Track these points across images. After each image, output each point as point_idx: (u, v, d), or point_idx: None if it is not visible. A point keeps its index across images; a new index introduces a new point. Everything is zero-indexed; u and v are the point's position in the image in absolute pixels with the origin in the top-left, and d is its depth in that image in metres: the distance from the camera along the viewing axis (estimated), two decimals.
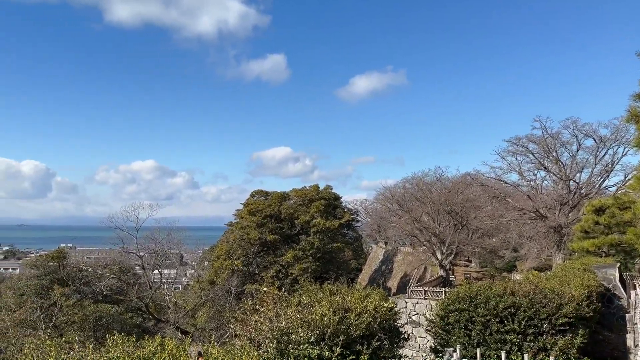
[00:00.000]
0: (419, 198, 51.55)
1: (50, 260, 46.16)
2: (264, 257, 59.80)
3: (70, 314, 37.66)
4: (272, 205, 60.38)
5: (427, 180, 58.54)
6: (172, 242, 49.35)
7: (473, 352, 13.20)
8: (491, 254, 52.39)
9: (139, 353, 6.05)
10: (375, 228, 74.89)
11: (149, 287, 44.34)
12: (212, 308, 47.25)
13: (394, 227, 57.73)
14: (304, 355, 9.08)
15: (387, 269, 64.93)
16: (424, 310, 34.13)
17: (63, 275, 44.17)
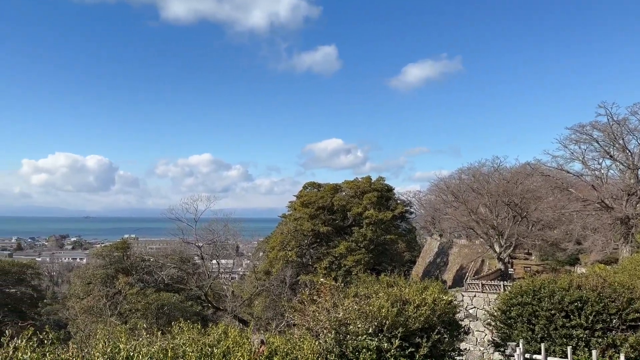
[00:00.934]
0: (475, 189, 50.25)
1: (114, 250, 48.31)
2: (317, 248, 60.15)
3: (134, 301, 39.34)
4: (325, 197, 60.56)
5: (484, 170, 56.93)
6: (229, 233, 50.51)
7: (537, 347, 12.75)
8: (552, 246, 50.37)
9: (204, 340, 6.22)
10: (430, 220, 73.74)
11: (207, 277, 45.65)
12: (267, 298, 48.10)
13: (449, 219, 56.56)
14: (363, 346, 9.05)
15: (442, 261, 63.85)
16: (482, 303, 33.36)
17: (127, 264, 46.14)
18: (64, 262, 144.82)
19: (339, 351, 9.06)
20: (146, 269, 47.06)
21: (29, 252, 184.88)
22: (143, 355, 5.48)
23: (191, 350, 5.75)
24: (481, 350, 31.91)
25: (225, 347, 6.03)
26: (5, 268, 38.56)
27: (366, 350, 9.00)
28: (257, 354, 5.99)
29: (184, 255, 52.32)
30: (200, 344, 6.06)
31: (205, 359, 5.75)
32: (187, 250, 52.57)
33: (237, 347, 6.06)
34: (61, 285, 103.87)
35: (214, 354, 5.87)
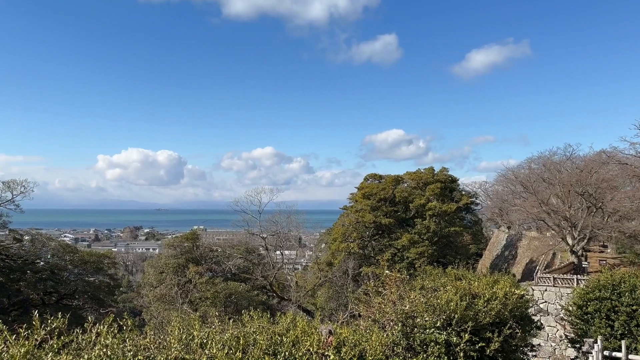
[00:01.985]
0: (546, 179, 47.96)
1: (184, 241, 50.18)
2: (379, 240, 59.77)
3: (203, 290, 40.77)
4: (386, 188, 60.00)
5: (556, 159, 54.23)
6: (292, 225, 51.31)
7: (616, 344, 12.03)
8: (631, 238, 47.21)
9: (273, 328, 6.33)
10: (497, 211, 71.24)
11: (272, 267, 46.58)
12: (330, 289, 48.44)
13: (517, 210, 54.37)
14: (430, 340, 8.88)
15: (510, 254, 61.63)
16: (554, 298, 31.97)
17: (196, 254, 47.86)
18: (138, 252, 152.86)
19: (406, 344, 8.95)
20: (214, 259, 48.61)
21: (105, 243, 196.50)
22: (216, 342, 5.64)
23: (262, 339, 5.86)
24: (553, 346, 30.61)
25: (294, 336, 6.10)
26: (85, 258, 41.08)
27: (434, 343, 8.83)
28: (325, 344, 6.02)
29: (250, 246, 53.63)
30: (270, 332, 6.17)
31: (276, 347, 5.84)
32: (252, 241, 53.91)
33: (305, 337, 6.11)
34: (135, 274, 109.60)
35: (283, 343, 5.96)
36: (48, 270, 37.26)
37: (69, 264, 39.36)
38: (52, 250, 39.71)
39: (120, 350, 5.17)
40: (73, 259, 39.71)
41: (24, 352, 4.84)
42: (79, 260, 39.94)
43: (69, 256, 39.81)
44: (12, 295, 34.46)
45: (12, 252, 36.08)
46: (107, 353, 5.07)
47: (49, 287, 37.38)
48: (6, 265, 35.57)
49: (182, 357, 5.33)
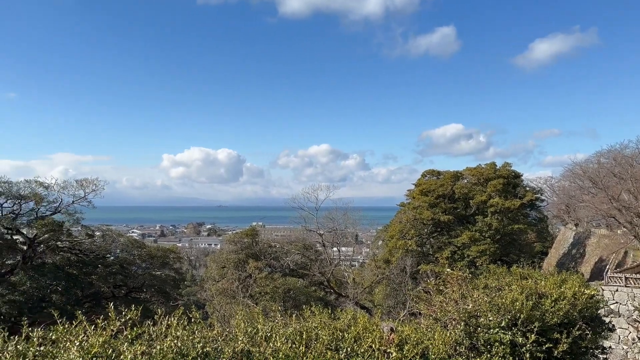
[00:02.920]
0: (617, 174, 45.36)
1: (244, 237, 51.39)
2: (438, 237, 58.68)
3: (263, 285, 41.65)
4: (445, 184, 58.77)
5: (627, 153, 51.12)
6: (348, 222, 51.40)
7: None
8: None
9: (335, 324, 6.40)
10: (563, 208, 68.08)
11: (329, 263, 46.87)
12: (388, 286, 48.17)
13: (585, 206, 51.77)
14: (495, 340, 8.66)
15: (577, 252, 58.79)
16: (625, 299, 30.27)
17: (256, 250, 48.92)
18: (201, 247, 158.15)
19: (469, 343, 8.77)
20: (273, 255, 49.47)
21: (170, 239, 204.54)
22: (280, 336, 5.77)
23: (324, 334, 5.94)
24: (624, 349, 28.98)
25: (356, 332, 6.14)
26: (152, 253, 42.97)
27: (499, 343, 8.60)
28: (387, 341, 6.02)
29: (307, 242, 54.16)
30: (331, 328, 6.23)
31: (337, 342, 5.90)
32: (309, 238, 54.45)
33: (367, 333, 6.14)
34: (199, 269, 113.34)
35: (344, 339, 6.00)
36: (118, 265, 39.25)
37: (137, 259, 41.30)
38: (121, 246, 41.78)
39: (190, 341, 5.40)
40: (141, 253, 41.64)
41: (102, 342, 5.14)
42: (146, 255, 41.83)
43: (137, 251, 41.77)
44: (85, 288, 36.56)
45: (85, 247, 38.26)
46: (178, 344, 5.30)
47: (118, 281, 39.38)
48: (80, 259, 37.80)
49: (248, 349, 5.50)
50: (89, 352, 5.06)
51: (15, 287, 32.96)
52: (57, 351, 5.22)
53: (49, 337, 5.55)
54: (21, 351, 5.07)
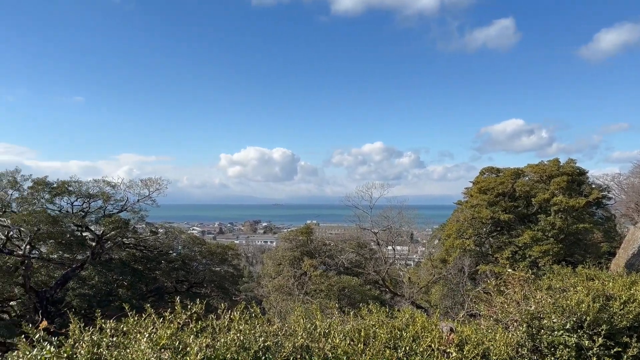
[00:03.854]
0: None
1: (299, 235, 51.92)
2: (497, 237, 56.92)
3: (317, 282, 41.97)
4: (505, 182, 56.93)
5: None
6: (403, 220, 50.88)
7: None
8: None
9: (393, 323, 6.40)
10: (632, 206, 64.30)
11: (384, 262, 46.60)
12: (445, 286, 47.28)
13: None
14: (559, 342, 8.35)
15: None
16: None
17: (310, 248, 49.34)
18: (257, 244, 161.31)
19: (531, 345, 8.51)
20: (327, 253, 49.74)
21: (228, 236, 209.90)
22: (338, 333, 5.85)
23: (381, 332, 5.96)
24: None
25: (414, 331, 6.11)
26: (211, 249, 44.27)
27: (563, 346, 8.29)
28: (446, 341, 5.96)
29: (361, 240, 54.05)
30: (389, 327, 6.24)
31: (395, 341, 5.90)
32: (363, 236, 54.28)
33: (425, 333, 6.10)
34: (255, 265, 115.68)
35: (403, 337, 5.99)
36: (180, 261, 40.73)
37: (198, 255, 42.68)
38: (183, 242, 43.31)
39: (251, 335, 5.57)
40: (201, 250, 43.03)
41: (169, 334, 5.40)
42: (206, 251, 43.18)
43: (197, 247, 43.19)
44: (149, 283, 38.16)
45: (149, 243, 39.95)
46: (240, 338, 5.48)
47: (180, 276, 40.86)
48: (144, 255, 39.52)
49: (307, 345, 5.61)
50: (158, 343, 5.33)
51: (85, 281, 34.93)
52: (128, 342, 5.53)
53: (120, 329, 5.88)
54: (95, 341, 5.39)
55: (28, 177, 34.15)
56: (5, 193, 32.91)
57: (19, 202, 32.79)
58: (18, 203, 32.83)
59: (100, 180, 37.04)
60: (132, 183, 38.08)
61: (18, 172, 33.88)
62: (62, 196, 35.01)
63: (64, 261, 35.67)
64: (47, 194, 34.13)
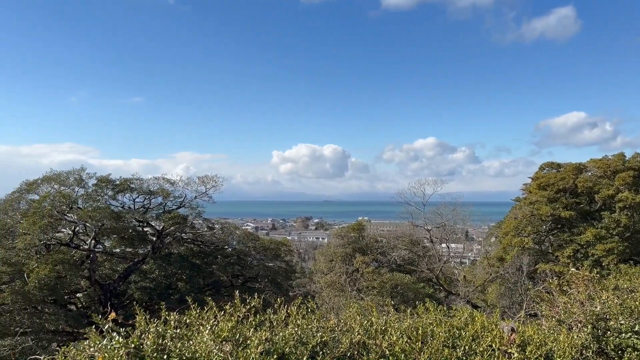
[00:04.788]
0: None
1: (351, 231, 51.94)
2: (558, 235, 54.68)
3: (370, 279, 41.84)
4: (566, 178, 54.58)
5: None
6: (458, 218, 49.82)
7: None
8: None
9: (451, 322, 6.31)
10: None
11: (438, 260, 45.85)
12: (502, 285, 45.98)
13: None
14: (627, 345, 7.96)
15: None
16: None
17: (362, 245, 49.25)
18: (309, 240, 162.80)
19: (597, 347, 8.15)
20: (379, 250, 49.46)
21: (281, 232, 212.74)
22: (395, 330, 5.83)
23: (439, 330, 5.89)
24: None
25: (473, 331, 6.00)
26: (265, 245, 45.09)
27: (632, 349, 7.89)
28: (508, 342, 5.81)
29: (414, 238, 53.39)
30: (447, 325, 6.16)
31: (454, 340, 5.81)
32: (416, 233, 53.56)
33: (485, 332, 5.97)
34: (307, 261, 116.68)
35: (462, 337, 5.90)
36: (235, 256, 41.71)
37: (252, 250, 43.56)
38: (238, 238, 44.31)
39: (309, 330, 5.66)
40: (255, 245, 43.88)
41: (230, 327, 5.56)
42: (260, 247, 44.00)
43: (251, 243, 44.08)
44: (207, 277, 39.30)
45: (206, 239, 41.13)
46: (298, 332, 5.58)
47: (236, 271, 41.85)
48: (202, 250, 40.74)
49: (364, 341, 5.63)
50: (219, 335, 5.50)
51: (146, 274, 36.41)
52: (191, 334, 5.74)
53: (183, 321, 6.12)
54: (160, 333, 5.63)
55: (92, 175, 35.94)
56: (72, 190, 34.73)
57: (85, 199, 34.54)
58: (84, 200, 34.58)
59: (160, 177, 38.53)
60: (189, 180, 39.34)
61: (83, 171, 35.73)
62: (124, 193, 36.64)
63: (127, 255, 37.36)
64: (111, 191, 35.80)
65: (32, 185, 35.23)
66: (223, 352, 5.24)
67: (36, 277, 27.16)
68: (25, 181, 35.84)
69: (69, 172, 35.31)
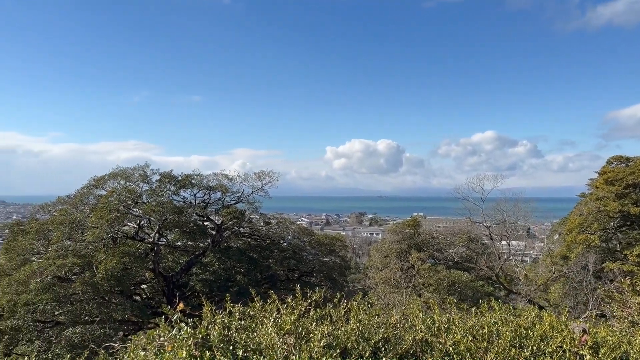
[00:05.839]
0: None
1: (406, 227, 51.34)
2: (627, 232, 51.80)
3: (426, 276, 41.25)
4: (636, 172, 51.52)
5: None
6: (519, 214, 48.12)
7: None
8: None
9: (517, 321, 6.12)
10: None
11: (497, 258, 44.55)
12: (566, 284, 44.13)
13: None
14: None
15: None
16: None
17: (418, 241, 48.58)
18: (363, 236, 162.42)
19: None
20: (436, 246, 48.64)
21: (335, 227, 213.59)
22: (459, 329, 5.72)
23: (506, 330, 5.72)
24: None
25: (541, 331, 5.79)
26: (320, 240, 45.38)
27: None
28: (579, 343, 5.57)
29: (472, 234, 52.09)
30: (514, 325, 5.98)
31: (521, 340, 5.64)
32: (474, 230, 52.21)
33: (554, 333, 5.75)
34: (361, 257, 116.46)
35: (529, 337, 5.71)
36: (290, 250, 42.26)
37: (307, 245, 43.98)
38: (293, 233, 44.86)
39: (371, 326, 5.65)
40: (310, 240, 44.28)
41: (293, 320, 5.65)
42: (315, 242, 44.35)
43: (306, 238, 44.51)
44: (263, 270, 40.04)
45: (263, 233, 41.91)
46: (360, 328, 5.59)
47: (291, 265, 42.41)
48: (258, 244, 41.56)
49: (427, 339, 5.56)
50: (282, 328, 5.60)
51: (206, 267, 37.56)
52: (255, 326, 5.88)
53: (246, 313, 6.27)
54: (226, 324, 5.79)
55: (156, 171, 37.42)
56: (136, 186, 36.29)
57: (149, 194, 36.00)
58: (148, 195, 36.05)
59: (218, 173, 39.60)
60: (246, 176, 40.18)
61: (147, 167, 37.25)
62: (185, 188, 37.92)
63: (188, 248, 38.68)
64: (173, 186, 37.13)
65: (100, 181, 37.09)
66: (287, 344, 5.33)
67: (104, 269, 28.57)
68: (93, 177, 37.80)
69: (134, 168, 36.91)
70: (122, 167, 37.40)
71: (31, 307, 27.00)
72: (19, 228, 38.40)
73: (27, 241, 33.66)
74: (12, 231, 38.56)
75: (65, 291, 28.41)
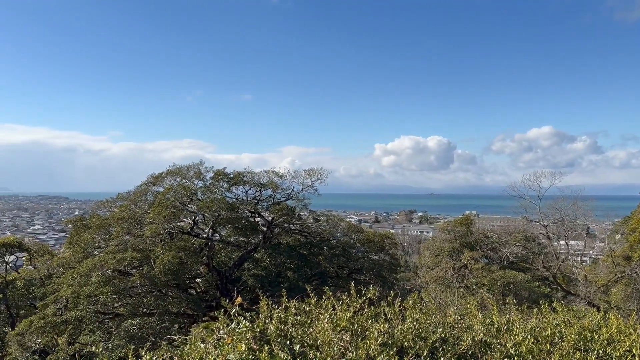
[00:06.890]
0: None
1: (458, 225, 50.31)
2: None
3: (479, 276, 40.31)
4: None
5: None
6: (578, 212, 46.08)
7: None
8: None
9: (582, 323, 5.90)
10: None
11: (555, 258, 42.91)
12: (628, 286, 41.97)
13: None
14: None
15: None
16: None
17: (470, 240, 47.52)
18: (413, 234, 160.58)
19: None
20: (489, 246, 47.43)
21: (384, 225, 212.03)
22: (520, 330, 5.57)
23: (569, 332, 5.52)
24: None
25: (608, 334, 5.55)
26: (369, 237, 45.14)
27: None
28: None
29: (528, 234, 50.44)
30: (578, 327, 5.76)
31: (586, 343, 5.42)
32: (530, 229, 50.50)
33: (622, 337, 5.50)
34: (412, 255, 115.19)
35: (595, 340, 5.48)
36: (340, 247, 42.30)
37: (357, 242, 43.88)
38: (342, 230, 44.85)
39: (428, 325, 5.59)
40: (359, 238, 44.14)
41: (349, 317, 5.67)
42: (364, 239, 44.17)
43: (355, 235, 44.40)
44: (313, 267, 40.30)
45: (312, 230, 42.15)
46: (417, 327, 5.54)
47: (341, 262, 42.43)
48: (308, 241, 41.84)
49: (486, 340, 5.44)
50: (338, 324, 5.63)
51: (258, 263, 38.22)
52: (310, 321, 5.94)
53: (302, 308, 6.35)
54: (283, 318, 5.89)
55: (210, 169, 38.41)
56: (192, 183, 37.40)
57: (203, 191, 37.01)
58: (202, 192, 37.08)
59: (269, 171, 40.16)
60: (296, 173, 40.53)
61: (202, 164, 38.30)
62: (238, 185, 38.73)
63: (240, 244, 39.50)
64: (226, 183, 38.01)
65: (157, 179, 38.46)
66: (343, 341, 5.35)
67: (161, 263, 29.63)
68: (151, 175, 39.25)
69: (189, 166, 38.03)
70: (178, 165, 38.61)
71: (93, 299, 28.34)
72: (82, 223, 40.49)
73: (89, 236, 35.40)
74: (75, 226, 40.69)
75: (125, 284, 29.66)
